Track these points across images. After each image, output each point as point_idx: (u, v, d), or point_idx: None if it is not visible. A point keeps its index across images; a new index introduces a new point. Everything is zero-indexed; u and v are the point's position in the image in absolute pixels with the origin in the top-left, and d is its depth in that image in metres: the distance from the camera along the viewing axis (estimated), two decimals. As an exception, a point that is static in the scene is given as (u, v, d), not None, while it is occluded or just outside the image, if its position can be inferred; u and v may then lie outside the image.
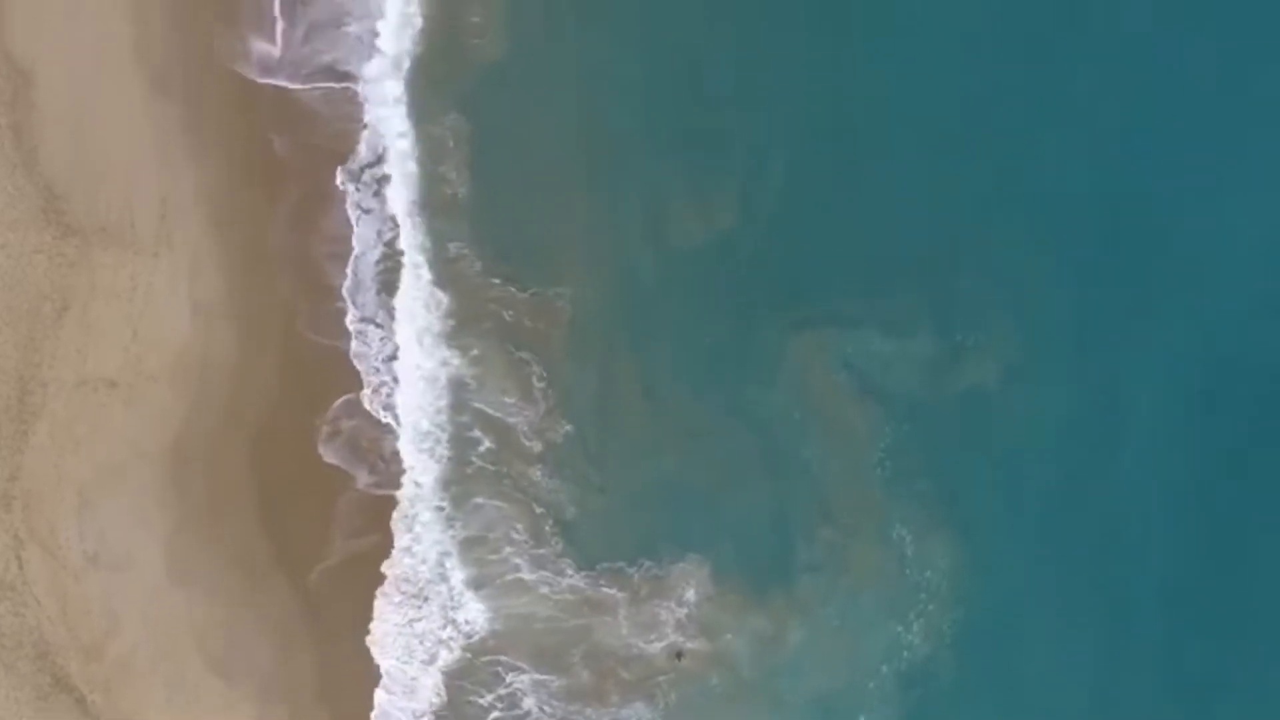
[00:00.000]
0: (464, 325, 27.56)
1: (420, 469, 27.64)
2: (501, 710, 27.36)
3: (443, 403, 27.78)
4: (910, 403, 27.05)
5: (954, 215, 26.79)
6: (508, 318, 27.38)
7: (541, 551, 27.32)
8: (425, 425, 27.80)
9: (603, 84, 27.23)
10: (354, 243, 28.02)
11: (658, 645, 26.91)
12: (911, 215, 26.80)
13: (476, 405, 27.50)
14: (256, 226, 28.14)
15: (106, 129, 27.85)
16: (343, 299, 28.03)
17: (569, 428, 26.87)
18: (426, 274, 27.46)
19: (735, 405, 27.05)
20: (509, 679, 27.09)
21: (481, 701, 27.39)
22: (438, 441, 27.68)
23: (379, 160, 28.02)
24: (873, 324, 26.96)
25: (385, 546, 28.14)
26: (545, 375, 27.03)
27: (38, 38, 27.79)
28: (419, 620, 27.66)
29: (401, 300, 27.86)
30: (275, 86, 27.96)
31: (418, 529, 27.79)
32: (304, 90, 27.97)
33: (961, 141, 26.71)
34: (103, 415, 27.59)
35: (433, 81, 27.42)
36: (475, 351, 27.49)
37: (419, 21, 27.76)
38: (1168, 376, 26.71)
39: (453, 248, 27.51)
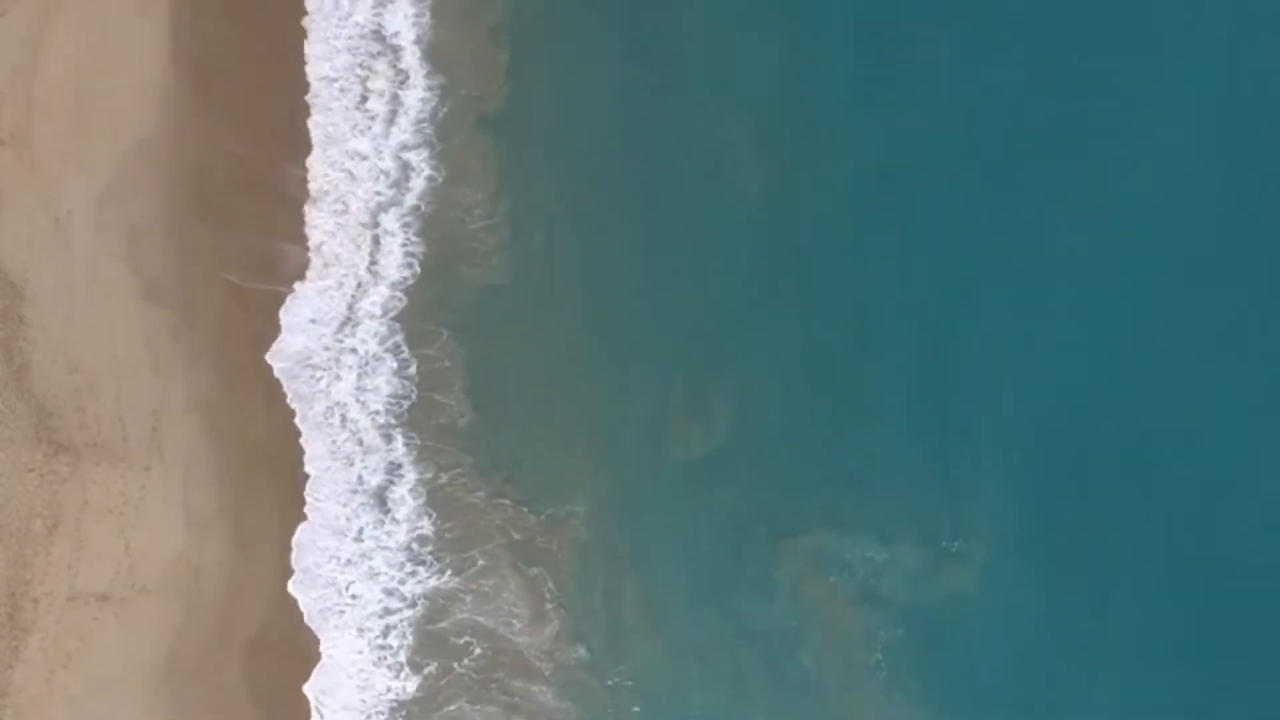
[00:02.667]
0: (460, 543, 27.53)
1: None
2: None
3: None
4: (903, 606, 27.32)
5: (939, 431, 27.16)
6: (505, 538, 27.51)
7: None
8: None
9: (599, 306, 27.64)
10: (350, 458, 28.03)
11: None
12: (898, 430, 27.17)
13: (474, 619, 27.55)
14: (249, 435, 28.03)
15: (97, 340, 27.76)
16: (339, 506, 28.00)
17: (580, 649, 27.03)
18: (423, 496, 27.52)
19: (736, 619, 27.16)
20: None
21: None
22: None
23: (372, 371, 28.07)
24: (865, 531, 27.20)
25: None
26: (555, 594, 27.10)
27: (28, 248, 27.67)
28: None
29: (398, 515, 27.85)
30: (269, 291, 27.92)
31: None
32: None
33: (943, 368, 27.24)
34: (94, 629, 27.36)
35: (426, 305, 27.52)
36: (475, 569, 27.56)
37: (417, 254, 27.89)
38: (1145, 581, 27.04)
39: (451, 472, 27.50)
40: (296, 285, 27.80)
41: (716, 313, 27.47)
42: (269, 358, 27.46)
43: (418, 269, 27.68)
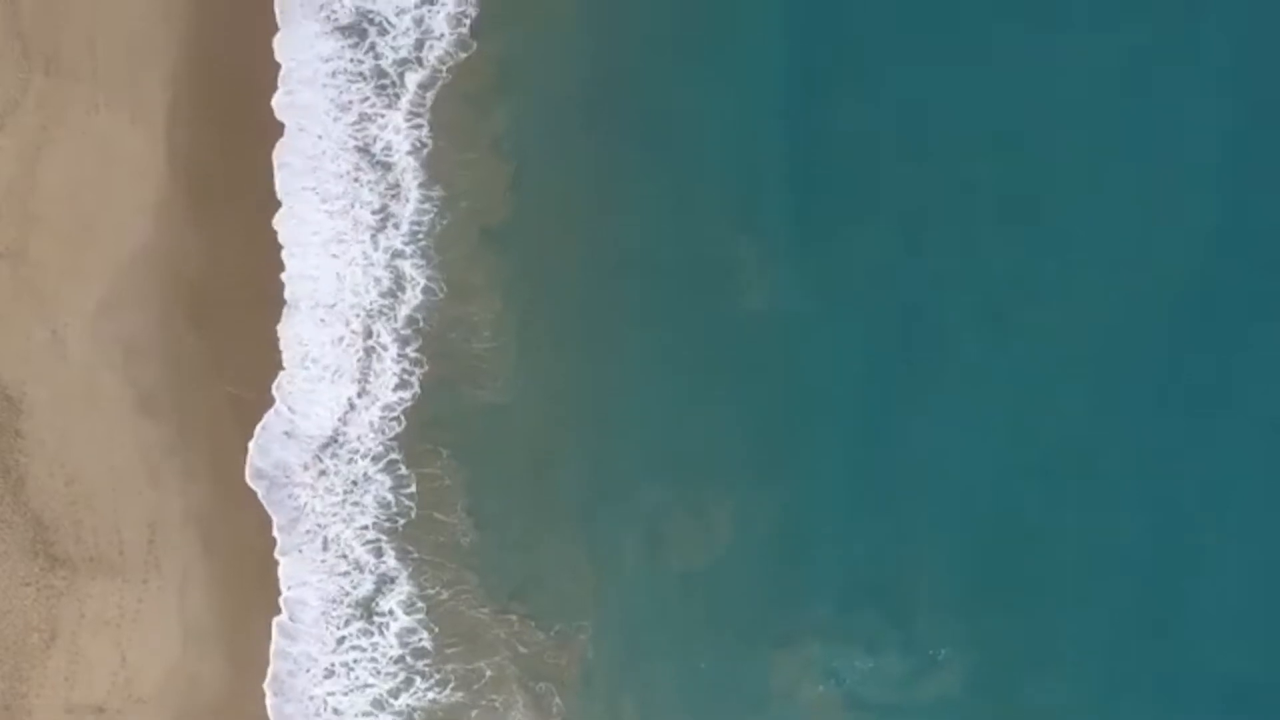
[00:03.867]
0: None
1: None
2: None
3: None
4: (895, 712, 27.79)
5: (925, 544, 27.75)
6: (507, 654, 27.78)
7: None
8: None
9: (605, 425, 28.01)
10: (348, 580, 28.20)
11: None
12: (886, 546, 27.81)
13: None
14: (245, 547, 28.20)
15: (94, 453, 27.86)
16: (334, 623, 28.15)
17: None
18: (423, 610, 27.74)
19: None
20: None
21: None
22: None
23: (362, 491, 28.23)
24: (856, 640, 27.68)
25: None
26: (563, 709, 27.51)
27: (24, 362, 27.73)
28: None
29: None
30: (267, 402, 28.08)
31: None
32: (292, 408, 28.13)
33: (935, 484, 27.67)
34: (90, 740, 27.56)
35: (425, 424, 27.67)
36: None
37: (415, 372, 27.98)
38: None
39: (453, 588, 27.72)
40: (279, 400, 27.61)
41: (717, 432, 27.80)
42: (248, 478, 27.29)
43: (416, 388, 27.61)
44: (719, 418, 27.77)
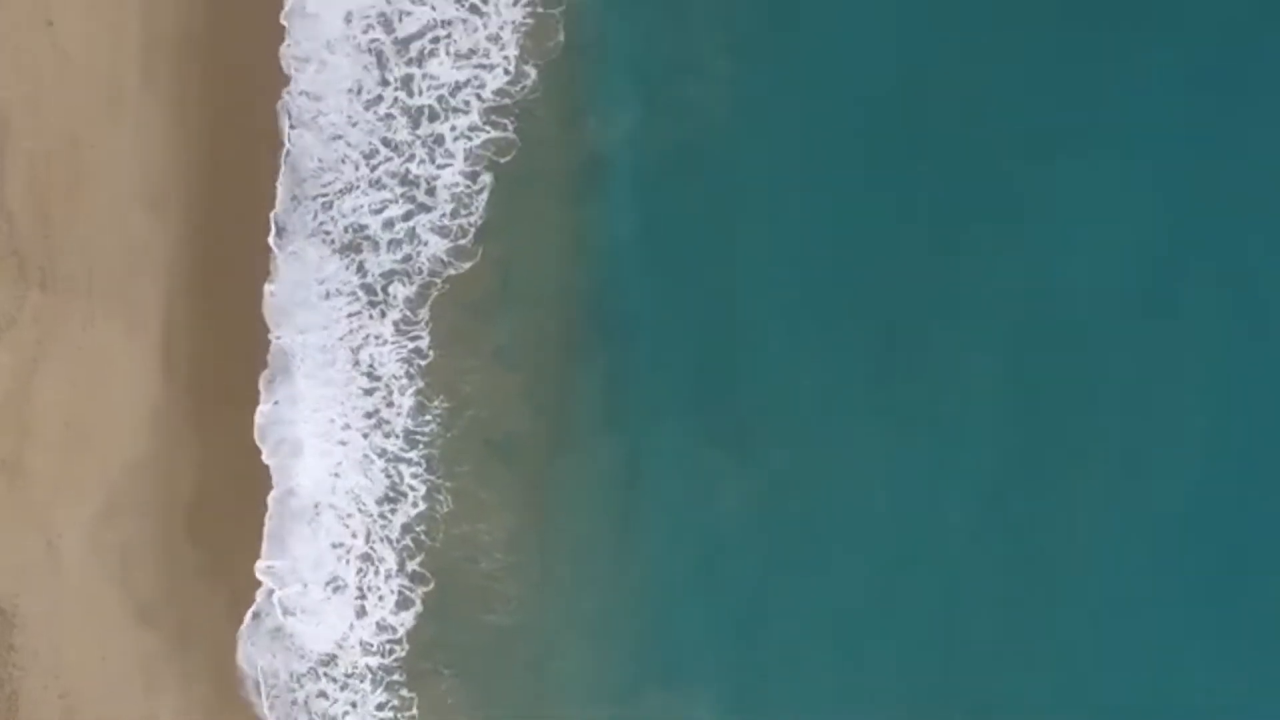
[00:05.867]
0: None
1: None
2: None
3: None
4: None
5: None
6: None
7: None
8: None
9: (609, 649, 27.91)
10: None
11: None
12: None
13: None
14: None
15: (90, 665, 27.92)
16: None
17: None
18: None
19: None
20: None
21: None
22: None
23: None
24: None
25: None
26: None
27: (18, 574, 27.73)
28: None
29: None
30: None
31: None
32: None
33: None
34: None
35: (428, 645, 27.66)
36: None
37: (417, 592, 28.01)
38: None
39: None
40: (276, 612, 27.56)
41: (741, 659, 27.88)
42: (242, 693, 27.23)
43: (419, 606, 27.55)
44: (744, 642, 27.73)
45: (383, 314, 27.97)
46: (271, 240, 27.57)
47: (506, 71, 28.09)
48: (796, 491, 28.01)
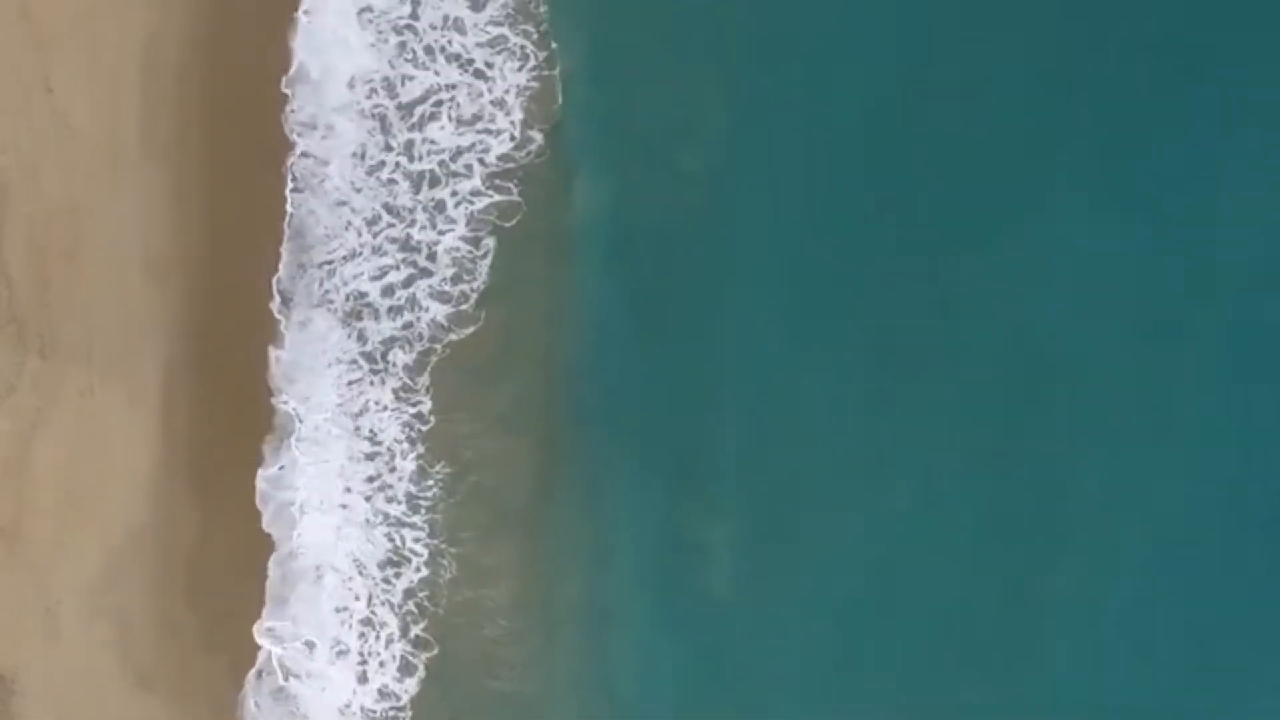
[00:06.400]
0: None
1: None
2: None
3: None
4: None
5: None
6: None
7: None
8: None
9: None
10: None
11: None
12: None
13: None
14: (245, 822, 28.13)
15: (90, 737, 27.68)
16: None
17: None
18: None
19: None
20: None
21: None
22: None
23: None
24: None
25: None
26: None
27: (17, 641, 27.53)
28: None
29: None
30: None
31: None
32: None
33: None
34: None
35: (432, 712, 27.62)
36: None
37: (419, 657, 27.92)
38: None
39: None
40: (276, 676, 27.43)
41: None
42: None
43: (422, 672, 27.48)
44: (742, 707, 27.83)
45: (383, 380, 27.91)
46: (275, 307, 27.42)
47: (512, 137, 28.06)
48: (784, 558, 28.05)
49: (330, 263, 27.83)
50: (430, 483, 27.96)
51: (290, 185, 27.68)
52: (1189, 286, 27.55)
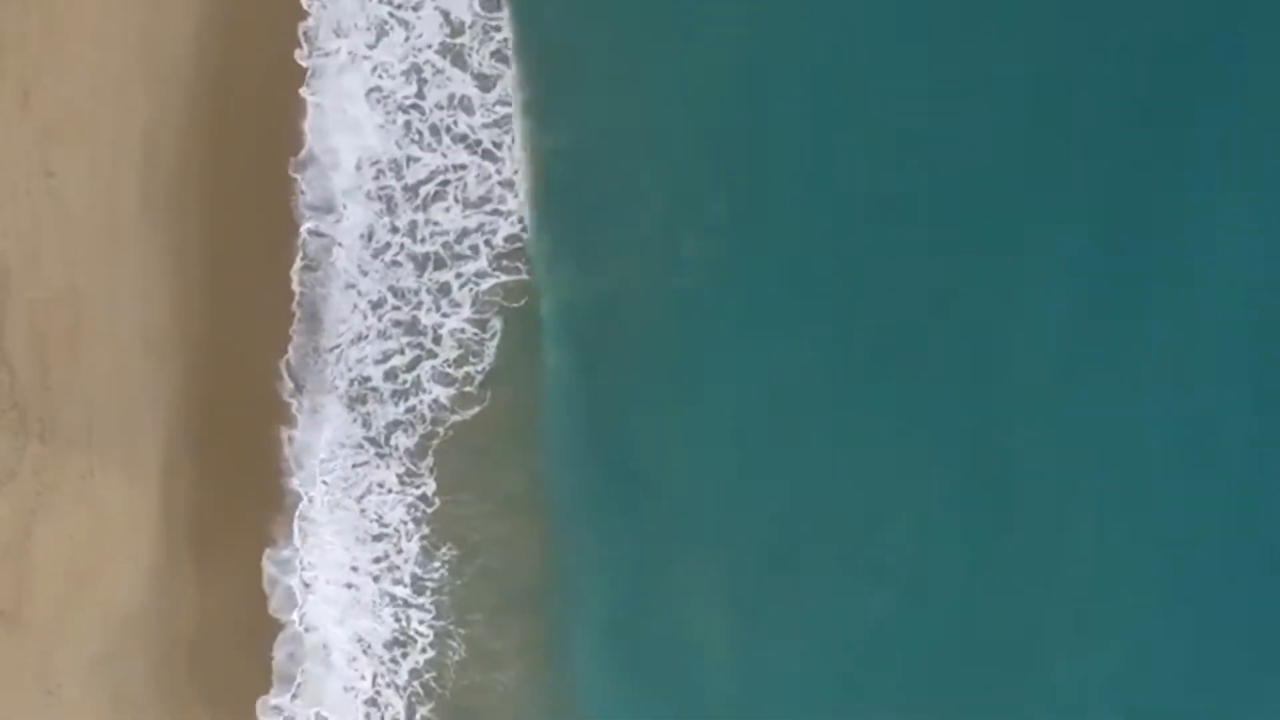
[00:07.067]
0: None
1: None
2: None
3: None
4: None
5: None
6: None
7: None
8: None
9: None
10: None
11: None
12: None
13: None
14: None
15: None
16: None
17: None
18: None
19: None
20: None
21: None
22: None
23: None
24: None
25: None
26: None
27: (19, 724, 27.45)
28: None
29: None
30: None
31: None
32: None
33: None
34: None
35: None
36: None
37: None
38: None
39: None
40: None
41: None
42: None
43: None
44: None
45: (388, 464, 27.84)
46: (286, 391, 27.26)
47: (521, 219, 27.89)
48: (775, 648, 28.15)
49: (338, 346, 27.61)
50: (437, 564, 27.91)
51: (300, 265, 27.44)
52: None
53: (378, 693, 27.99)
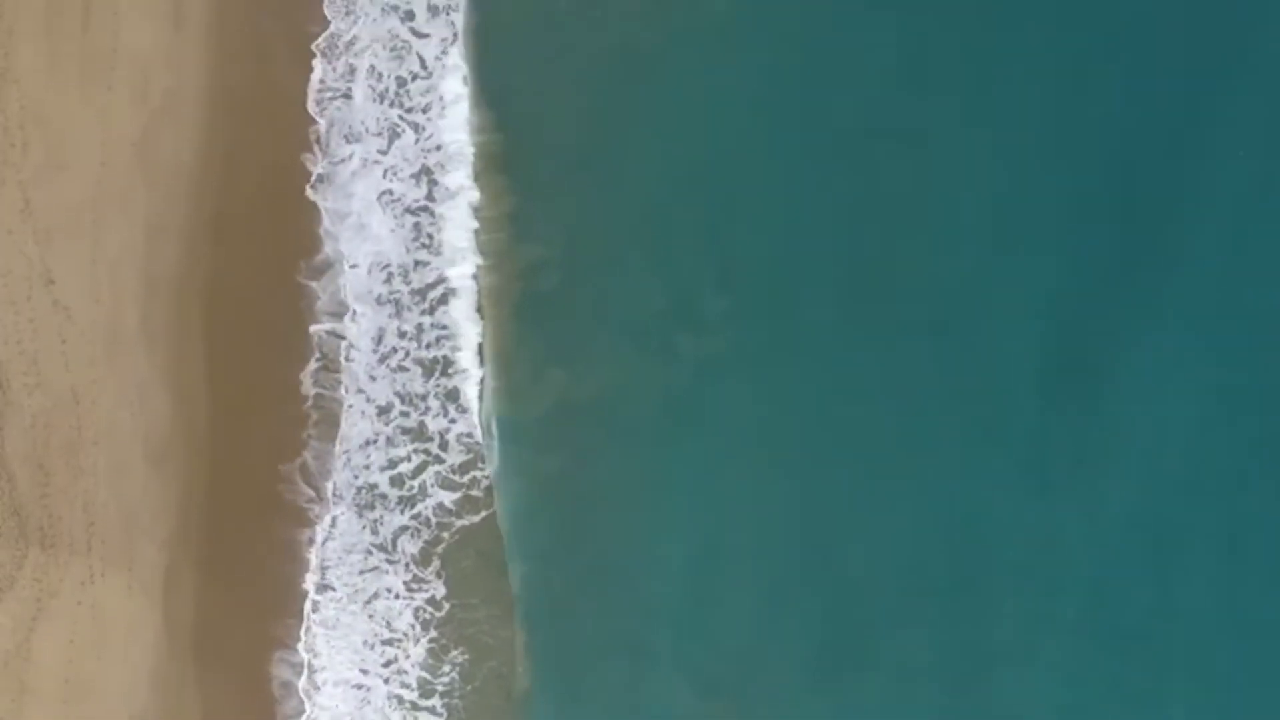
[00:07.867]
0: None
1: None
2: None
3: None
4: None
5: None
6: None
7: None
8: None
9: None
10: None
11: None
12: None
13: None
14: None
15: None
16: None
17: None
18: None
19: None
20: None
21: None
22: None
23: None
24: None
25: None
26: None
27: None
28: None
29: None
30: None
31: None
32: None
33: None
34: None
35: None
36: None
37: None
38: None
39: None
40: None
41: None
42: None
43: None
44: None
45: (394, 570, 27.65)
46: (301, 496, 27.18)
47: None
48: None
49: (346, 451, 27.32)
50: (446, 668, 27.76)
51: (315, 366, 27.16)
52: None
53: (383, 738, 27.94)
